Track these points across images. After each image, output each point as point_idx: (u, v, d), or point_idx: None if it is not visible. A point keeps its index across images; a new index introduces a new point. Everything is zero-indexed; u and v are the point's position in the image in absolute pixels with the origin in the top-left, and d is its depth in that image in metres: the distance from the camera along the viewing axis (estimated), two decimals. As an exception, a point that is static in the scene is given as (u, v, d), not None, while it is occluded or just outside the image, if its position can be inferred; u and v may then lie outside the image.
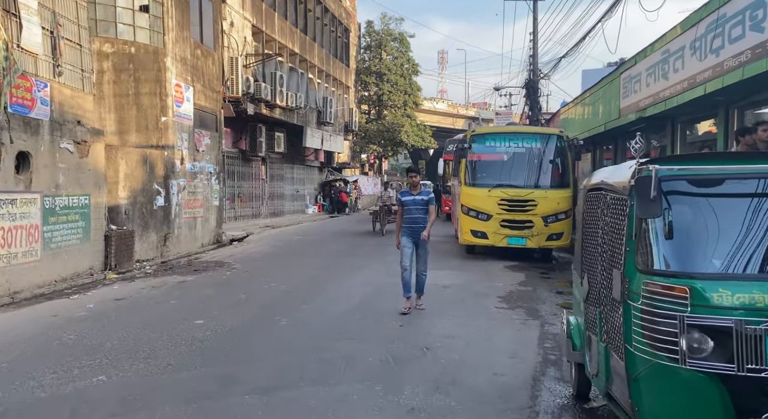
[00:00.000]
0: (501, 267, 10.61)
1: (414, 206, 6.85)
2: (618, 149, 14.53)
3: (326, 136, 28.68)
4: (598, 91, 14.14)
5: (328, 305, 7.15)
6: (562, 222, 11.29)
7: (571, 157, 11.75)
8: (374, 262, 11.37)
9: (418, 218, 6.81)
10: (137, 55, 12.41)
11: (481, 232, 11.49)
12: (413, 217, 6.83)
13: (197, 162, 14.53)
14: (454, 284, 8.72)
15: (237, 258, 12.50)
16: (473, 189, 11.75)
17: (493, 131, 12.59)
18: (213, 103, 15.67)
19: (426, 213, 6.84)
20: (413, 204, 6.86)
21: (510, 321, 6.33)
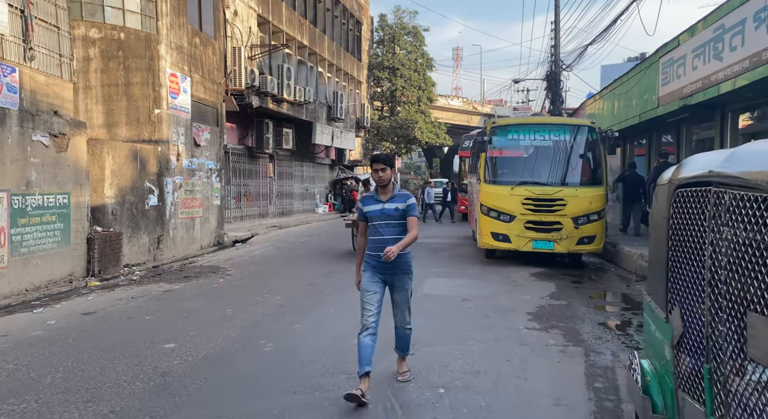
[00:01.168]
0: (526, 275, 9.43)
1: (383, 222, 4.16)
2: (652, 143, 13.24)
3: (337, 132, 27.62)
4: (631, 79, 12.87)
5: (325, 324, 6.05)
6: (594, 224, 10.07)
7: (604, 151, 10.51)
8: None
9: (389, 241, 4.08)
10: (127, 42, 11.43)
11: (504, 235, 10.31)
12: (383, 238, 4.12)
13: (196, 158, 13.54)
14: (474, 296, 7.58)
15: (235, 262, 11.47)
16: (494, 187, 10.57)
17: (516, 122, 11.39)
18: (213, 96, 14.67)
19: (402, 232, 4.17)
20: (382, 218, 4.17)
21: (546, 347, 5.17)
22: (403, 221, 4.16)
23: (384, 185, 4.20)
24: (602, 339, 5.46)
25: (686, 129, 11.30)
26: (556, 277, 9.25)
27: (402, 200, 4.18)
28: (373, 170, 4.19)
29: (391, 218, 4.14)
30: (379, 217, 4.16)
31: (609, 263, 10.86)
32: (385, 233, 4.13)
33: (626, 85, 13.15)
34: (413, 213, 4.21)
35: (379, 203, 4.19)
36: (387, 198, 4.19)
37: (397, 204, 4.16)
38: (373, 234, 4.20)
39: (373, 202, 4.23)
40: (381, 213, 4.15)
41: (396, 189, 4.26)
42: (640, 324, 6.11)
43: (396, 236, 4.11)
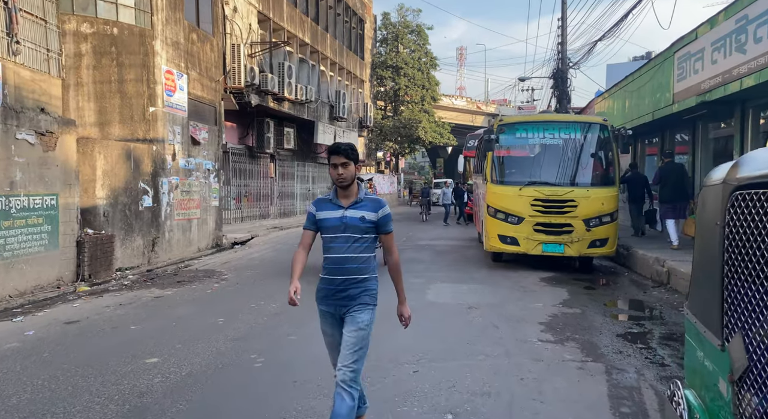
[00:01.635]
0: (536, 280, 8.98)
1: (342, 234, 3.12)
2: (665, 142, 12.76)
3: (339, 132, 27.20)
4: (643, 75, 12.40)
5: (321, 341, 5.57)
6: (606, 226, 9.61)
7: (617, 149, 10.04)
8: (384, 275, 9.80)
9: (350, 262, 3.13)
10: (121, 37, 11.03)
11: (511, 237, 9.86)
12: (342, 258, 3.13)
13: (192, 158, 13.14)
14: (482, 303, 7.13)
15: (232, 266, 11.06)
16: (501, 187, 10.12)
17: (524, 119, 10.93)
18: (212, 94, 14.27)
19: (368, 249, 3.18)
20: (341, 229, 3.13)
21: (562, 363, 4.72)
22: (370, 237, 3.14)
23: (345, 185, 3.10)
24: (623, 353, 5.01)
25: (702, 127, 10.83)
26: (567, 282, 8.80)
27: (371, 208, 3.12)
28: (331, 165, 3.11)
29: (353, 231, 3.08)
30: (336, 228, 3.09)
31: (622, 267, 10.40)
32: (345, 250, 3.08)
33: (638, 81, 12.67)
34: (389, 229, 3.20)
35: (339, 210, 3.11)
36: (350, 203, 3.12)
37: (363, 213, 3.09)
38: (328, 251, 3.14)
39: (331, 207, 3.15)
40: (340, 223, 3.09)
41: (362, 192, 3.18)
42: (662, 336, 5.66)
43: (360, 254, 3.10)
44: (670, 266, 8.16)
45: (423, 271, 9.97)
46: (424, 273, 9.69)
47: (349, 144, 3.17)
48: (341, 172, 3.07)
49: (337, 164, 3.08)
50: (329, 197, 3.20)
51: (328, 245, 3.15)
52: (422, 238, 16.10)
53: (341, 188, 3.14)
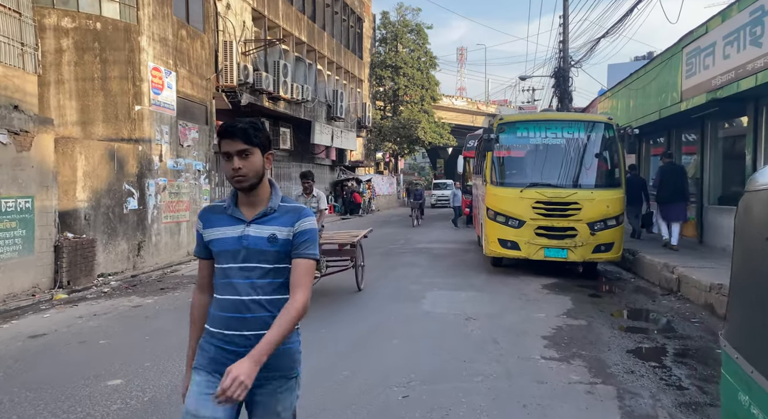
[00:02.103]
0: (538, 287, 8.51)
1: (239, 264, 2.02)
2: (672, 141, 12.29)
3: (337, 132, 26.75)
4: (648, 73, 11.93)
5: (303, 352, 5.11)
6: (612, 230, 9.14)
7: (623, 149, 9.57)
8: (378, 281, 9.37)
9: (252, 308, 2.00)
10: (104, 33, 10.58)
11: (512, 242, 9.39)
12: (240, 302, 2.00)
13: (182, 159, 12.69)
14: (480, 313, 6.66)
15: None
16: (501, 189, 9.65)
17: (525, 118, 10.47)
18: (202, 92, 13.82)
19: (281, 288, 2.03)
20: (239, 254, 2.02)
21: (569, 386, 4.25)
22: (283, 267, 2.02)
23: (246, 185, 1.99)
24: (635, 373, 4.54)
25: (711, 126, 10.35)
26: (571, 290, 8.33)
27: (288, 221, 2.02)
28: (223, 154, 2.00)
29: (260, 259, 2.00)
30: (233, 254, 2.00)
31: (627, 273, 9.93)
32: (247, 290, 1.99)
33: (643, 79, 12.21)
34: (310, 252, 2.02)
35: (238, 225, 2.02)
36: (255, 215, 2.03)
37: (274, 229, 2.01)
38: (220, 290, 2.04)
39: (226, 221, 2.05)
40: (239, 245, 2.00)
41: (277, 196, 2.07)
42: (677, 352, 5.19)
43: (271, 296, 2.00)
44: (680, 273, 7.69)
45: (420, 276, 9.51)
46: (421, 279, 9.22)
47: (252, 122, 2.02)
48: (238, 165, 1.94)
49: (231, 153, 1.96)
50: (224, 205, 2.08)
51: (221, 282, 2.03)
52: (420, 241, 15.63)
53: (242, 191, 2.01)
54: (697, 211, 10.80)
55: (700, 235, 10.79)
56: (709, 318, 6.41)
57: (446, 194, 35.65)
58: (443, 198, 36.13)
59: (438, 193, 37.69)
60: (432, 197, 37.25)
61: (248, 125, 2.01)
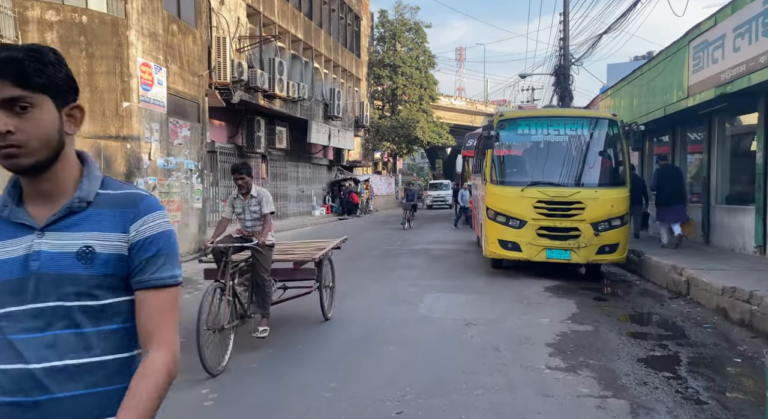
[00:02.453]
0: (540, 290, 8.16)
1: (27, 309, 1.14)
2: (677, 140, 11.95)
3: (334, 131, 26.40)
4: (653, 68, 11.60)
5: (288, 371, 4.72)
6: (616, 230, 8.80)
7: (627, 147, 9.23)
8: (374, 283, 9.03)
9: (40, 384, 1.12)
10: (91, 26, 10.22)
11: (513, 243, 9.04)
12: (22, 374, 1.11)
13: (173, 157, 12.34)
14: (480, 318, 6.31)
15: (211, 273, 10.23)
16: (502, 188, 9.31)
17: (527, 114, 10.12)
18: (194, 89, 13.47)
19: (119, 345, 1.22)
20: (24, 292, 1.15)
21: (578, 400, 3.90)
22: (113, 302, 1.22)
23: (26, 163, 1.16)
24: (648, 385, 4.20)
25: (719, 123, 10.01)
26: (574, 292, 7.98)
27: (116, 221, 1.23)
28: None
29: (60, 291, 1.17)
30: (13, 287, 1.17)
31: (632, 275, 9.59)
32: (31, 354, 1.13)
33: (647, 75, 11.87)
34: (166, 276, 1.24)
35: (23, 236, 1.20)
36: (53, 216, 1.22)
37: (89, 237, 1.20)
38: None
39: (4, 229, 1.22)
40: (25, 271, 1.17)
41: (89, 178, 1.27)
42: (691, 361, 4.85)
43: (81, 361, 1.17)
44: (689, 275, 7.34)
45: (418, 278, 9.16)
46: (418, 281, 8.87)
47: (33, 47, 1.17)
48: (4, 127, 1.12)
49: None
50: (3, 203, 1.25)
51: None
52: (418, 242, 15.29)
53: (22, 175, 1.21)
54: (703, 210, 10.47)
55: (707, 235, 10.45)
56: (722, 324, 6.06)
57: (443, 194, 34.43)
58: (440, 199, 34.74)
59: (434, 194, 35.79)
60: (428, 198, 35.73)
61: (24, 52, 1.13)
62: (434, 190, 36.54)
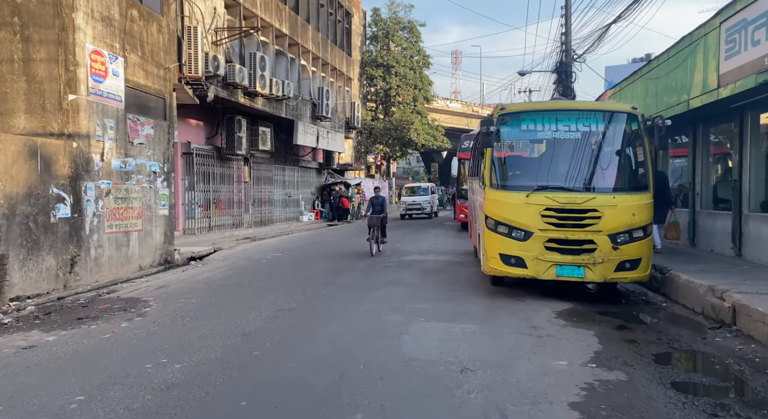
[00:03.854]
0: (550, 315, 6.81)
1: None
2: (698, 139, 10.62)
3: (323, 132, 25.04)
4: (672, 58, 10.28)
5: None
6: (639, 243, 7.46)
7: (650, 145, 7.90)
8: (355, 305, 7.67)
9: None
10: (27, 6, 8.85)
11: (517, 257, 7.68)
12: None
13: (132, 158, 10.94)
14: (480, 361, 4.94)
15: (168, 291, 8.84)
16: (503, 194, 7.96)
17: (532, 107, 8.77)
18: (159, 83, 12.08)
19: None
20: None
21: None
22: None
23: None
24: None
25: (752, 118, 8.69)
26: (592, 319, 6.62)
27: None
28: None
29: None
30: None
31: (655, 294, 8.25)
32: None
33: (664, 67, 10.57)
34: None
35: None
36: None
37: None
38: None
39: None
40: None
41: None
42: (775, 437, 3.48)
43: None
44: (735, 300, 6.00)
45: (404, 301, 7.78)
46: (405, 305, 7.49)
47: None
48: None
49: None
50: None
51: None
52: (410, 251, 13.92)
53: None
54: (734, 219, 9.15)
55: (739, 248, 9.12)
56: (791, 369, 4.71)
57: (420, 201, 28.58)
58: (416, 207, 28.42)
59: (409, 200, 28.88)
60: (400, 207, 29.34)
61: None
62: (410, 195, 29.84)
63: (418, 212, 28.07)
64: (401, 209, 28.71)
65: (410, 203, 28.41)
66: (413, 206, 28.23)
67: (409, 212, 28.08)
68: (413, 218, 27.73)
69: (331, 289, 8.78)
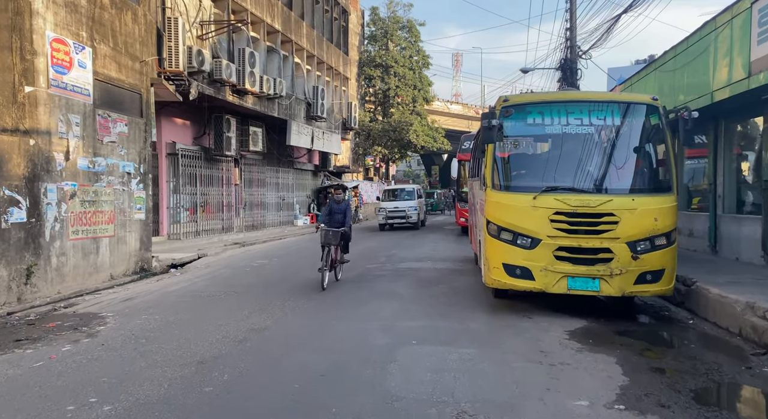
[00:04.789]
0: (562, 335, 5.88)
1: None
2: (721, 137, 9.68)
3: (318, 133, 24.13)
4: (692, 47, 9.37)
5: None
6: (661, 252, 6.53)
7: (672, 140, 6.98)
8: (338, 323, 6.74)
9: None
10: (-24, -12, 7.96)
11: (523, 268, 6.75)
12: None
13: (102, 158, 10.04)
14: (481, 401, 4.01)
15: (131, 305, 7.92)
16: (507, 195, 7.03)
17: (539, 98, 7.82)
18: (135, 77, 11.18)
19: None
20: None
21: None
22: None
23: None
24: None
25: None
26: (611, 342, 5.69)
27: None
28: None
29: None
30: None
31: (677, 309, 7.32)
32: None
33: (684, 56, 9.65)
34: None
35: None
36: None
37: None
38: None
39: None
40: None
41: None
42: None
43: None
44: (784, 321, 5.05)
45: (395, 317, 6.85)
46: (395, 322, 6.56)
47: None
48: None
49: None
50: None
51: None
52: (406, 258, 12.99)
53: None
54: (765, 224, 8.21)
55: (769, 256, 8.19)
56: None
57: (404, 207, 22.53)
58: (398, 214, 22.31)
59: (390, 206, 22.67)
60: (380, 214, 23.03)
61: None
62: (390, 200, 23.33)
63: (401, 221, 22.36)
64: (380, 216, 22.88)
65: (391, 210, 22.32)
66: (395, 213, 22.28)
67: (390, 220, 22.35)
68: (395, 228, 22.60)
69: (314, 302, 7.85)
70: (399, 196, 23.52)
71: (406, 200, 22.92)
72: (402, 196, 23.45)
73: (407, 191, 23.77)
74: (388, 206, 22.64)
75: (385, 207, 22.66)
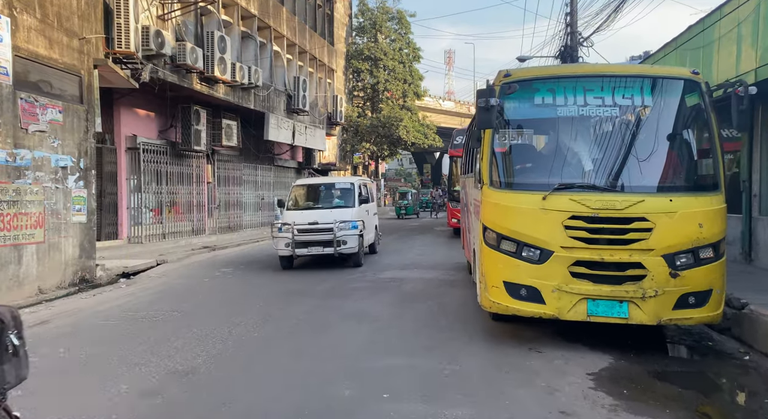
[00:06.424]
0: (584, 382, 4.39)
1: None
2: (757, 126, 8.21)
3: (300, 128, 22.55)
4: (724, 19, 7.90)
5: None
6: (707, 268, 5.06)
7: (718, 126, 5.50)
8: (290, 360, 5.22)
9: None
10: None
11: (530, 288, 5.24)
12: None
13: (25, 150, 8.46)
14: None
15: (41, 332, 6.34)
16: (509, 195, 5.50)
17: (549, 73, 6.28)
18: (72, 56, 9.58)
19: None
20: None
21: None
22: None
23: None
24: None
25: None
26: (650, 390, 4.20)
27: None
28: None
29: None
30: None
31: (721, 335, 5.85)
32: None
33: (712, 31, 8.20)
34: None
35: None
36: None
37: None
38: None
39: None
40: None
41: None
42: None
43: None
44: None
45: (365, 351, 5.32)
46: (364, 361, 5.02)
47: None
48: None
49: None
50: None
51: None
52: (389, 265, 11.48)
53: None
54: None
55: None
56: None
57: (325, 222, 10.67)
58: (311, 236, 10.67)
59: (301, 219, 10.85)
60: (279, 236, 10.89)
61: None
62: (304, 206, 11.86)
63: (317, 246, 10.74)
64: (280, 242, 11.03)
65: (304, 229, 10.75)
66: (307, 233, 10.77)
67: (298, 247, 10.78)
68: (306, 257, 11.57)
69: (267, 329, 6.30)
70: (320, 198, 12.08)
71: (336, 208, 11.49)
72: (325, 199, 12.03)
73: (341, 190, 12.09)
74: (296, 219, 10.92)
75: (294, 220, 10.91)
